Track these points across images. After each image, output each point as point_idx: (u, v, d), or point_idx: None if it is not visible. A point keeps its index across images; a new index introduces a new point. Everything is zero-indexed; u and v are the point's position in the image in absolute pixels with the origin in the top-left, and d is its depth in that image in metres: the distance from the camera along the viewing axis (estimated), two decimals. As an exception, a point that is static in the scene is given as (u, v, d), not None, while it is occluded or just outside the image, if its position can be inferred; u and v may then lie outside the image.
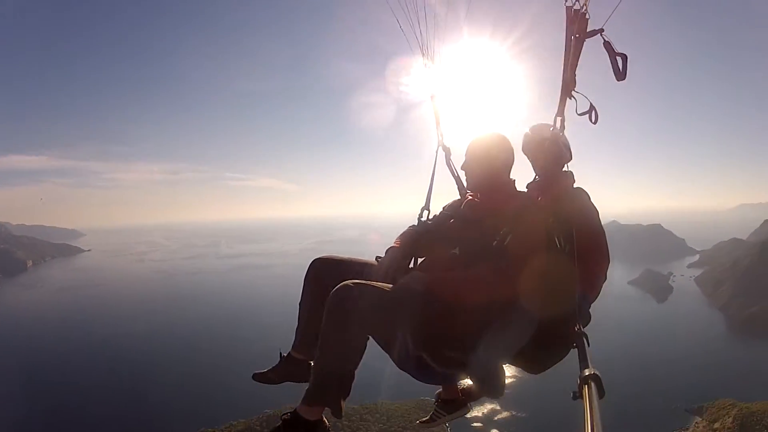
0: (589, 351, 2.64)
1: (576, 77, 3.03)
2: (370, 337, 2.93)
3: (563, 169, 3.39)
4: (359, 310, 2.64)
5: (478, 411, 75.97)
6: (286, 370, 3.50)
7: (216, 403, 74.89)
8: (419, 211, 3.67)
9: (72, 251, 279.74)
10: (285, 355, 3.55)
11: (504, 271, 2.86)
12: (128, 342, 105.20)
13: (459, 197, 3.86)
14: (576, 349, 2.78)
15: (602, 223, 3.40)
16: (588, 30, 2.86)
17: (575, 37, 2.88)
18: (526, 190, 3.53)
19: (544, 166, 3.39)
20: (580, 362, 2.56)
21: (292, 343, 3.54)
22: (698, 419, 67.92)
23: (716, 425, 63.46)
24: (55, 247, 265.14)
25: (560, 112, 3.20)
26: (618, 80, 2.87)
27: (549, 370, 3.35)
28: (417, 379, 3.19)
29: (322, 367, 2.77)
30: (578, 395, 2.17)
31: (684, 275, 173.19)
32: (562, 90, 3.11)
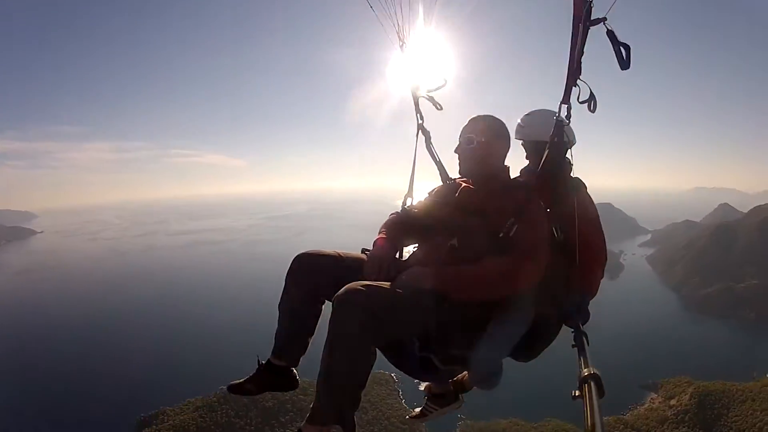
0: (589, 350, 2.68)
1: (582, 65, 3.02)
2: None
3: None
4: (372, 315, 2.46)
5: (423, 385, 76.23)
6: (265, 379, 3.15)
7: (173, 380, 75.13)
8: (402, 198, 3.46)
9: (25, 234, 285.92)
10: (263, 362, 3.16)
11: (516, 264, 2.75)
12: (85, 322, 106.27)
13: (441, 183, 3.69)
14: (575, 348, 2.87)
15: None
16: (592, 18, 2.85)
17: (581, 24, 2.86)
18: (519, 175, 3.59)
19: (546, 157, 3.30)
20: (580, 362, 2.57)
21: (272, 348, 3.14)
22: (654, 395, 69.46)
23: (673, 402, 64.74)
24: (8, 231, 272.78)
25: (566, 99, 3.10)
26: (622, 69, 2.85)
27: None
28: (416, 378, 3.13)
29: (332, 381, 2.52)
30: (578, 395, 2.17)
31: (636, 254, 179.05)
32: (567, 77, 3.00)
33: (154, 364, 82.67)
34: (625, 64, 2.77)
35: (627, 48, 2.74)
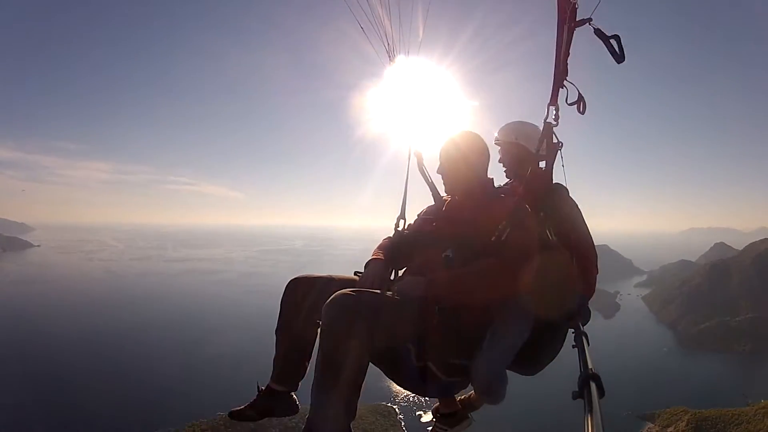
0: (590, 351, 2.69)
1: (568, 66, 3.00)
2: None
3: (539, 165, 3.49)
4: (359, 315, 2.37)
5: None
6: (265, 404, 3.09)
7: (166, 403, 73.86)
8: (395, 221, 3.43)
9: (23, 245, 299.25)
10: (263, 388, 3.13)
11: (508, 264, 2.71)
12: (81, 339, 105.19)
13: (434, 203, 3.64)
14: (575, 349, 2.83)
15: None
16: (577, 19, 2.84)
17: (567, 26, 2.84)
18: (504, 185, 3.62)
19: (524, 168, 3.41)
20: (580, 362, 2.56)
21: (271, 374, 3.13)
22: (650, 425, 69.94)
23: (669, 429, 65.54)
24: (6, 240, 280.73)
25: (553, 101, 3.10)
26: (618, 63, 2.80)
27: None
28: (417, 393, 3.08)
29: (325, 392, 2.36)
30: (578, 395, 2.14)
31: (631, 294, 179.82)
32: (554, 79, 3.01)
33: (144, 386, 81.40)
34: (619, 57, 2.79)
35: (618, 39, 2.78)
